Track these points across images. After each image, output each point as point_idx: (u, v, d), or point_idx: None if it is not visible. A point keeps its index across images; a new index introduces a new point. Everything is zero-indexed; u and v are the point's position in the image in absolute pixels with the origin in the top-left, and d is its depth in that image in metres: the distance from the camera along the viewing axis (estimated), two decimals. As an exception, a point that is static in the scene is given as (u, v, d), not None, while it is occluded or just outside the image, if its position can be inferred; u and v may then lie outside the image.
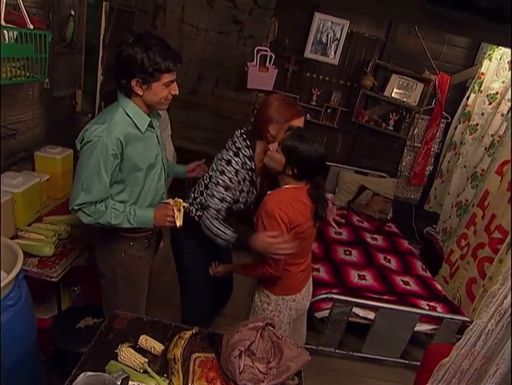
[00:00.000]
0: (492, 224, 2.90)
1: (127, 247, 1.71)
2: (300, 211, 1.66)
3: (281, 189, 1.70)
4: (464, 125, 3.69)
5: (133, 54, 1.41)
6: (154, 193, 1.69)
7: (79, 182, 1.50)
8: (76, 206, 1.51)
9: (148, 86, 1.49)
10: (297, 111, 1.79)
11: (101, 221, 1.54)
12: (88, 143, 1.47)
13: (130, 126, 1.54)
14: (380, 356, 2.69)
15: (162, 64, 1.44)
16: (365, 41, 3.66)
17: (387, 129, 3.86)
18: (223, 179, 1.79)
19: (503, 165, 2.94)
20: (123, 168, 1.55)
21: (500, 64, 3.33)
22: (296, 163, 1.62)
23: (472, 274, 2.99)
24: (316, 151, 1.60)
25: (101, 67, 2.78)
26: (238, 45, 3.68)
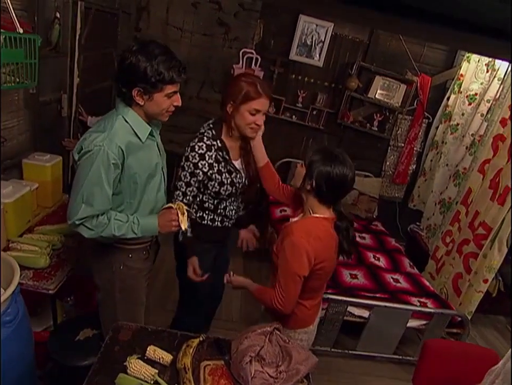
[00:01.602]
0: (476, 221, 3.00)
1: (125, 259, 1.64)
2: (327, 246, 1.54)
3: (309, 218, 1.54)
4: (445, 125, 3.81)
5: (136, 62, 1.36)
6: (154, 204, 1.64)
7: (78, 194, 1.41)
8: (77, 221, 1.43)
9: (150, 96, 1.44)
10: (256, 91, 1.67)
11: (104, 234, 1.47)
12: (88, 152, 1.39)
13: (131, 135, 1.48)
14: (375, 353, 2.75)
15: (165, 75, 1.39)
16: (349, 43, 3.72)
17: (372, 129, 3.93)
18: (184, 174, 1.77)
19: (484, 164, 3.05)
20: (122, 179, 1.49)
21: (478, 67, 3.46)
22: (315, 177, 1.48)
23: (458, 269, 3.09)
24: (339, 170, 1.46)
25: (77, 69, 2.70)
26: (224, 48, 3.67)
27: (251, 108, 1.70)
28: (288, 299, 1.50)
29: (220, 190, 1.83)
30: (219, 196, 1.86)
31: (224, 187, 1.83)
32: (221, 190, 1.83)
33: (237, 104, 1.70)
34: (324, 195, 1.50)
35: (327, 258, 1.53)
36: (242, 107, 1.70)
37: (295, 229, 1.50)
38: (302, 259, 1.45)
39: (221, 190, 1.83)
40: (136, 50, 1.38)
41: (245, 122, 1.73)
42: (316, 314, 1.74)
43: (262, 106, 1.72)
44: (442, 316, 2.65)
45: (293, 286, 1.49)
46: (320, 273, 1.54)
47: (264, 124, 1.79)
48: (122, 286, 1.65)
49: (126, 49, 1.40)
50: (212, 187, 1.82)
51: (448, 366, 1.93)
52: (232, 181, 1.84)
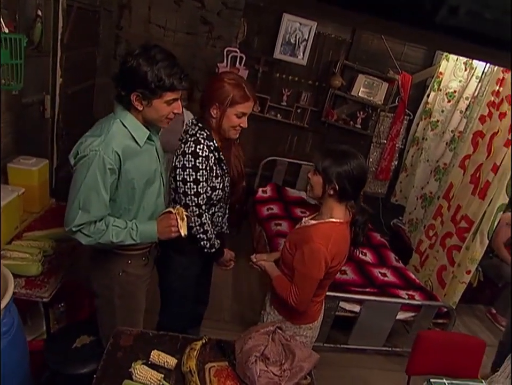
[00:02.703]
0: (458, 215, 3.11)
1: (125, 266, 1.60)
2: (343, 249, 1.58)
3: (327, 223, 1.55)
4: (425, 122, 3.91)
5: (137, 66, 1.33)
6: (153, 210, 1.60)
7: (75, 201, 1.38)
8: (74, 228, 1.39)
9: (149, 102, 1.40)
10: (244, 95, 1.64)
11: (102, 240, 1.43)
12: (84, 157, 1.36)
13: (128, 139, 1.44)
14: (365, 346, 2.81)
15: (166, 81, 1.36)
16: (332, 42, 3.77)
17: (355, 127, 4.01)
18: (201, 186, 1.68)
19: (465, 159, 3.16)
20: (120, 184, 1.45)
21: (457, 65, 3.57)
22: (336, 180, 1.48)
23: (442, 261, 3.19)
24: (356, 164, 1.48)
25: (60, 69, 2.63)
26: (207, 46, 3.65)
27: (238, 112, 1.67)
28: (304, 298, 1.57)
29: (212, 194, 1.77)
30: (210, 201, 1.80)
31: (216, 192, 1.78)
32: (213, 195, 1.77)
33: (223, 107, 1.65)
34: (348, 194, 1.52)
35: (341, 260, 1.59)
36: (228, 111, 1.66)
37: (315, 235, 1.52)
38: (320, 265, 1.50)
39: (213, 194, 1.77)
40: (137, 54, 1.35)
41: (230, 125, 1.69)
42: (320, 310, 1.78)
43: (249, 109, 1.71)
44: (429, 307, 2.74)
45: (309, 288, 1.57)
46: (331, 272, 1.60)
47: (248, 123, 1.76)
48: (121, 292, 1.62)
49: (129, 52, 1.37)
50: (205, 192, 1.75)
51: (440, 356, 2.00)
52: (223, 185, 1.80)
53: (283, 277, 1.68)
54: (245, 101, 1.67)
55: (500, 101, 2.82)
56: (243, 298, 3.22)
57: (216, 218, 1.90)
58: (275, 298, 1.73)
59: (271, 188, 4.11)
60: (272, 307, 1.75)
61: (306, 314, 1.69)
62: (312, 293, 1.59)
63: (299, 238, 1.60)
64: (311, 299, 1.62)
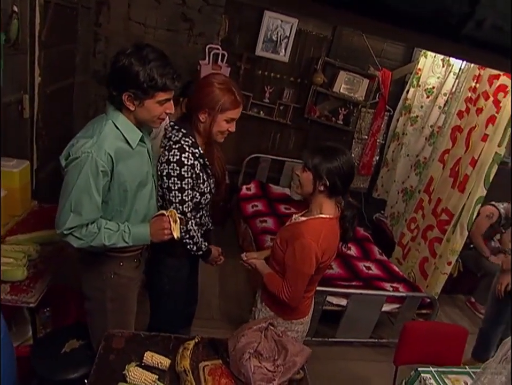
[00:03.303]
0: (438, 208, 3.20)
1: (116, 268, 1.58)
2: (332, 245, 1.61)
3: (317, 219, 1.57)
4: (405, 117, 4.00)
5: (129, 65, 1.31)
6: (145, 212, 1.58)
7: (67, 203, 1.35)
8: (65, 231, 1.37)
9: (141, 102, 1.38)
10: (234, 100, 1.63)
11: (94, 243, 1.41)
12: (75, 159, 1.33)
13: (120, 141, 1.42)
14: (353, 338, 2.87)
15: (158, 81, 1.33)
16: (313, 39, 3.80)
17: (337, 123, 4.05)
18: (186, 194, 1.67)
19: (444, 154, 3.25)
20: (112, 187, 1.43)
21: (435, 62, 3.66)
22: (327, 176, 1.51)
23: (424, 254, 3.28)
24: (345, 160, 1.52)
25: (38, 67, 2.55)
26: (189, 43, 3.61)
27: (228, 118, 1.66)
28: (296, 294, 1.60)
29: (201, 199, 1.77)
30: (199, 206, 1.80)
31: (204, 196, 1.77)
32: (202, 200, 1.77)
33: (213, 113, 1.62)
34: (339, 189, 1.55)
35: (331, 255, 1.63)
36: (219, 117, 1.64)
37: (305, 231, 1.55)
38: (311, 260, 1.53)
39: (202, 199, 1.77)
40: (129, 53, 1.33)
41: (219, 130, 1.68)
42: (311, 304, 1.81)
43: (238, 114, 1.70)
44: (413, 299, 2.81)
45: (301, 283, 1.59)
46: (322, 267, 1.63)
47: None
48: (113, 295, 1.60)
49: (120, 52, 1.35)
50: (194, 198, 1.74)
51: (425, 345, 2.06)
52: (210, 188, 1.80)
53: (274, 274, 1.70)
54: (235, 107, 1.66)
55: (477, 97, 2.91)
56: (231, 296, 3.23)
57: (204, 220, 1.90)
58: (266, 295, 1.74)
59: (255, 185, 4.12)
60: (264, 304, 1.76)
61: (297, 309, 1.71)
62: (304, 288, 1.62)
63: (290, 235, 1.62)
64: (303, 294, 1.64)
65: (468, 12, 0.26)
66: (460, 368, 1.88)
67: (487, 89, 2.80)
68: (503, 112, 2.64)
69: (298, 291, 1.60)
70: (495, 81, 2.73)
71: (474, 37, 0.27)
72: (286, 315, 1.71)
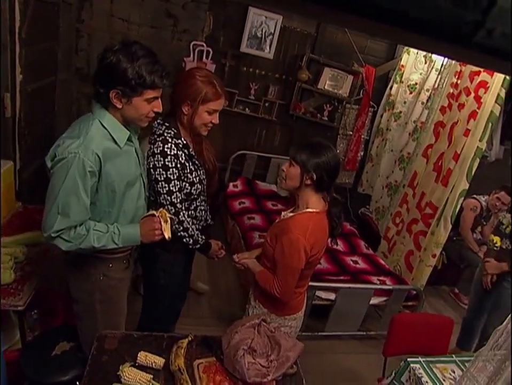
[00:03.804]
0: (422, 202, 3.27)
1: (106, 270, 1.56)
2: (321, 238, 1.63)
3: (304, 213, 1.60)
4: (389, 113, 4.06)
5: (116, 62, 1.29)
6: (134, 212, 1.56)
7: (54, 205, 1.32)
8: (53, 233, 1.33)
9: (129, 100, 1.36)
10: (216, 92, 1.66)
11: (83, 246, 1.38)
12: (62, 160, 1.30)
13: (108, 140, 1.40)
14: (341, 332, 2.91)
15: (147, 78, 1.31)
16: (297, 35, 3.81)
17: (322, 119, 4.08)
18: (173, 184, 1.69)
19: (427, 148, 3.32)
20: (100, 187, 1.40)
21: (417, 58, 3.72)
22: (314, 170, 1.54)
23: (409, 247, 3.35)
24: (332, 156, 1.56)
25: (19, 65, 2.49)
26: (173, 40, 3.57)
27: (209, 109, 1.69)
28: (286, 289, 1.61)
29: (192, 190, 1.79)
30: (190, 196, 1.82)
31: (194, 186, 1.80)
32: (192, 190, 1.79)
33: (195, 104, 1.65)
34: (325, 184, 1.58)
35: (320, 249, 1.64)
36: (200, 108, 1.67)
37: (293, 226, 1.58)
38: (300, 254, 1.55)
39: (192, 189, 1.79)
40: (117, 49, 1.30)
41: (202, 122, 1.71)
42: (303, 300, 1.83)
43: (220, 106, 1.72)
44: (400, 291, 2.88)
45: (291, 278, 1.61)
46: (312, 262, 1.64)
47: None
48: (102, 297, 1.57)
49: (108, 48, 1.32)
50: (184, 189, 1.77)
51: (413, 336, 2.12)
52: (199, 179, 1.82)
53: (266, 271, 1.72)
54: (216, 98, 1.69)
55: (458, 93, 2.98)
56: (221, 293, 3.23)
57: (199, 213, 1.91)
58: (259, 292, 1.76)
59: (241, 182, 4.13)
60: (257, 301, 1.77)
61: (290, 305, 1.73)
62: (295, 283, 1.63)
63: (279, 231, 1.64)
64: (294, 289, 1.66)
65: (479, 20, 0.27)
66: (448, 357, 1.94)
67: (468, 85, 2.86)
68: (483, 108, 2.71)
69: (289, 286, 1.62)
70: (475, 77, 2.80)
71: (484, 44, 0.28)
72: (279, 311, 1.73)
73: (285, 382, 1.51)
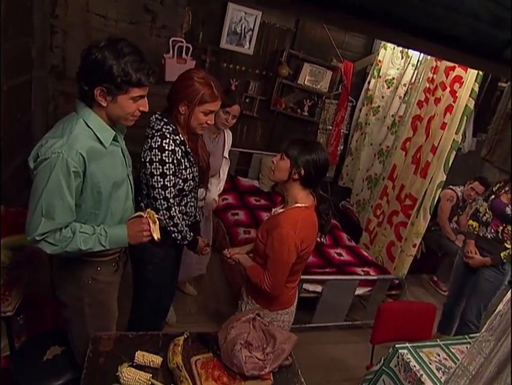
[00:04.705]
0: (402, 193, 3.37)
1: (94, 273, 1.52)
2: (311, 233, 1.67)
3: (294, 208, 1.64)
4: (367, 107, 4.15)
5: (102, 59, 1.26)
6: (121, 214, 1.52)
7: (37, 207, 1.28)
8: (37, 236, 1.29)
9: (114, 98, 1.33)
10: (212, 94, 1.69)
11: (69, 248, 1.35)
12: (45, 160, 1.27)
13: (93, 140, 1.36)
14: (328, 323, 2.98)
15: (133, 76, 1.29)
16: (276, 31, 3.83)
17: (303, 114, 4.13)
18: (168, 180, 1.71)
19: (405, 142, 3.42)
20: (85, 188, 1.37)
21: (394, 54, 3.81)
22: (304, 165, 1.58)
23: (390, 238, 3.45)
24: (322, 155, 1.61)
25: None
26: (151, 36, 3.51)
27: (206, 110, 1.72)
28: (276, 283, 1.65)
29: (184, 186, 1.82)
30: (182, 192, 1.84)
31: (187, 183, 1.82)
32: (185, 186, 1.82)
33: (192, 105, 1.70)
34: (312, 180, 1.63)
35: (310, 243, 1.67)
36: (197, 109, 1.70)
37: (283, 221, 1.61)
38: (290, 249, 1.58)
39: (185, 186, 1.82)
40: (103, 46, 1.27)
41: (198, 122, 1.75)
42: (295, 295, 1.87)
43: (216, 107, 1.76)
44: (383, 281, 2.96)
45: (281, 272, 1.64)
46: (303, 256, 1.67)
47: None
48: (92, 301, 1.54)
49: (93, 45, 1.29)
50: (177, 185, 1.78)
51: (399, 323, 2.20)
52: (193, 176, 1.85)
53: (256, 265, 1.75)
54: (213, 100, 1.72)
55: (435, 87, 3.08)
56: (207, 290, 3.24)
57: (189, 209, 1.94)
58: (251, 288, 1.78)
59: (224, 178, 4.12)
60: (250, 297, 1.80)
61: (282, 300, 1.76)
62: (285, 277, 1.67)
63: (269, 227, 1.68)
64: (284, 283, 1.69)
65: (509, 39, 0.30)
66: (432, 341, 2.03)
67: (444, 79, 2.96)
68: (459, 102, 2.81)
69: (279, 280, 1.65)
70: (451, 72, 2.90)
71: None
72: (272, 306, 1.76)
73: (281, 374, 1.54)
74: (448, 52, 0.34)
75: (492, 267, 2.60)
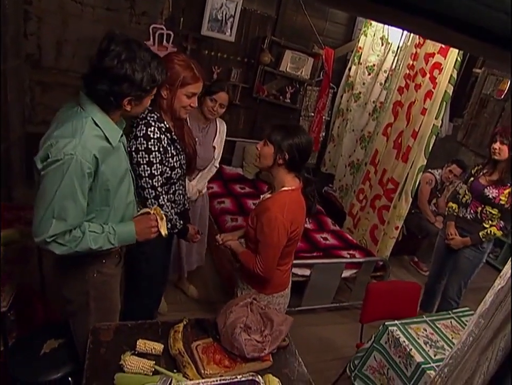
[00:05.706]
0: (384, 178, 3.46)
1: (100, 266, 1.52)
2: (299, 214, 1.70)
3: (281, 192, 1.68)
4: (348, 94, 4.20)
5: (132, 73, 1.28)
6: (124, 209, 1.52)
7: (48, 209, 1.25)
8: (48, 238, 1.27)
9: (140, 101, 1.40)
10: (194, 76, 1.70)
11: (79, 248, 1.33)
12: (57, 162, 1.23)
13: (102, 140, 1.35)
14: (317, 305, 3.06)
15: (158, 78, 1.37)
16: (258, 18, 3.81)
17: (285, 101, 4.15)
18: (155, 168, 1.72)
19: (387, 127, 3.50)
20: (94, 187, 1.36)
21: (374, 40, 3.86)
22: (287, 150, 1.61)
23: (373, 221, 3.54)
24: (304, 138, 1.64)
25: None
26: (131, 23, 3.44)
27: (188, 92, 1.72)
28: (268, 266, 1.69)
29: (172, 174, 1.82)
30: (170, 181, 1.84)
31: (175, 171, 1.83)
32: (172, 174, 1.83)
33: (174, 88, 1.69)
34: (297, 164, 1.66)
35: (299, 224, 1.72)
36: (179, 91, 1.70)
37: (271, 205, 1.65)
38: (279, 231, 1.62)
39: (172, 174, 1.82)
40: (126, 59, 1.26)
41: (181, 105, 1.75)
42: (289, 277, 1.91)
43: (198, 89, 1.76)
44: (369, 263, 3.06)
45: (272, 255, 1.68)
46: (293, 238, 1.72)
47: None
48: (96, 294, 1.54)
49: (114, 56, 1.25)
50: (164, 173, 1.79)
51: (386, 302, 2.29)
52: (180, 163, 1.85)
53: (248, 251, 1.79)
54: (195, 82, 1.72)
55: (415, 73, 3.15)
56: (195, 277, 3.25)
57: (178, 197, 1.94)
58: (246, 274, 1.82)
59: (208, 167, 4.11)
60: (245, 283, 1.83)
61: (276, 283, 1.81)
62: (276, 260, 1.71)
63: (258, 212, 1.72)
64: (276, 267, 1.73)
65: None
66: (419, 318, 2.13)
67: (423, 66, 3.03)
68: (438, 88, 2.89)
69: (270, 263, 1.70)
70: (430, 58, 2.97)
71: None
72: (266, 290, 1.80)
73: (279, 354, 1.60)
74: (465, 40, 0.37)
75: (472, 246, 2.73)
